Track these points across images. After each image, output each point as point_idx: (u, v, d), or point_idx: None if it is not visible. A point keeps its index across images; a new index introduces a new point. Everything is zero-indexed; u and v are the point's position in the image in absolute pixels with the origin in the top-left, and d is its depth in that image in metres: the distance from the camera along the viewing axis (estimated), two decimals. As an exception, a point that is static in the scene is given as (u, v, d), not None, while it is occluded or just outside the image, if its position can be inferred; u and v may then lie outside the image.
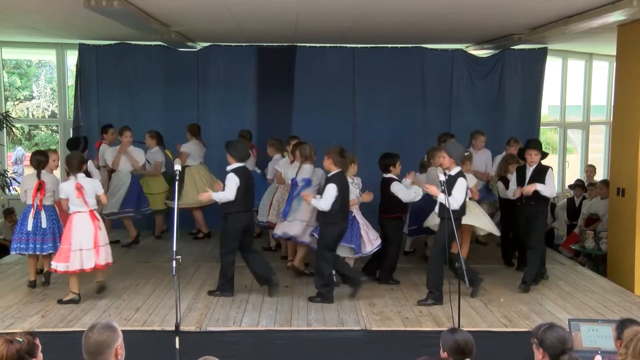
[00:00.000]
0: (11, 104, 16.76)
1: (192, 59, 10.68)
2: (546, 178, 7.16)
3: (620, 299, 6.98)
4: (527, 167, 7.29)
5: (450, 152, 6.62)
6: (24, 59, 17.59)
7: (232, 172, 6.69)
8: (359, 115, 10.74)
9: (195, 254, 8.66)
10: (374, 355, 5.79)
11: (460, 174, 6.60)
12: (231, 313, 6.32)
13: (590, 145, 12.76)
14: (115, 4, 6.21)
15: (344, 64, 10.69)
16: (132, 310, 6.36)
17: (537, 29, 8.45)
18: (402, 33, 9.26)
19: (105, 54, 10.58)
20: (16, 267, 8.00)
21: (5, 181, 9.91)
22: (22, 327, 5.67)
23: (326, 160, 6.74)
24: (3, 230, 10.55)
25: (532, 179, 7.21)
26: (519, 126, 10.61)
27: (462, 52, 10.84)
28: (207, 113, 10.60)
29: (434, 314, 6.35)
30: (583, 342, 4.64)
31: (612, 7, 6.57)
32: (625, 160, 7.84)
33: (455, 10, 7.18)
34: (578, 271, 8.29)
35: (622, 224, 7.93)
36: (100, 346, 3.00)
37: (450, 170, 6.59)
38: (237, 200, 6.64)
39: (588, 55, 12.12)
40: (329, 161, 6.70)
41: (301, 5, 7.01)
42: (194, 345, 5.60)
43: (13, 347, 2.88)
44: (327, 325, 6.04)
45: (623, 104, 8.03)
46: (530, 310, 6.51)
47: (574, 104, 12.60)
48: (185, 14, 7.56)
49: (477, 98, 10.85)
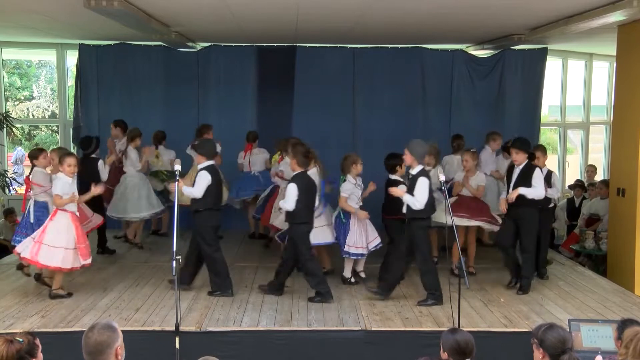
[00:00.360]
0: (11, 104, 16.76)
1: (192, 59, 10.68)
2: (532, 179, 6.82)
3: (620, 299, 6.98)
4: (515, 168, 7.01)
5: (412, 149, 6.53)
6: (24, 59, 17.60)
7: (204, 170, 6.74)
8: (359, 115, 10.74)
9: (195, 254, 8.64)
10: (374, 355, 5.79)
11: (422, 173, 6.49)
12: (231, 313, 6.32)
13: (591, 145, 12.76)
14: (115, 4, 6.21)
15: (344, 64, 10.69)
16: (132, 311, 6.35)
17: (537, 29, 8.45)
18: (402, 33, 9.26)
19: (105, 54, 10.58)
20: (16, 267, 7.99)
21: (6, 181, 9.91)
22: (22, 327, 5.67)
23: (291, 160, 6.86)
24: (3, 230, 10.56)
25: (518, 180, 6.90)
26: (519, 126, 10.60)
27: (462, 52, 10.84)
28: (207, 113, 10.59)
29: (434, 314, 6.35)
30: (583, 342, 4.64)
31: (612, 8, 6.57)
32: (625, 160, 7.84)
33: (455, 10, 7.18)
34: (578, 271, 8.29)
35: (622, 224, 7.93)
36: (100, 346, 3.00)
37: (412, 169, 6.53)
38: (208, 198, 6.68)
39: (588, 55, 12.12)
40: (294, 161, 6.80)
41: (301, 6, 7.02)
42: (194, 345, 5.60)
43: (13, 347, 2.88)
44: (327, 325, 6.04)
45: (623, 104, 8.03)
46: (530, 310, 6.50)
47: (574, 104, 12.61)
48: (186, 14, 7.56)
49: (477, 98, 10.85)
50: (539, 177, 6.85)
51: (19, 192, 11.05)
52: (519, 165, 6.93)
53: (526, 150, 6.94)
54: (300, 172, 6.76)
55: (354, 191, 7.20)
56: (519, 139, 7.14)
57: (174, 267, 4.99)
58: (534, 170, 6.87)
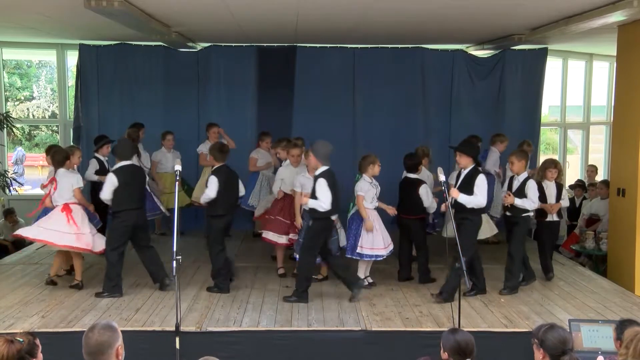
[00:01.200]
0: (11, 104, 16.77)
1: (193, 60, 10.68)
2: (474, 187, 6.50)
3: (620, 299, 6.98)
4: (462, 172, 6.80)
5: (316, 151, 6.55)
6: (24, 59, 17.63)
7: (112, 172, 6.86)
8: (359, 116, 10.73)
9: (196, 254, 8.65)
10: (374, 355, 5.79)
11: (323, 174, 6.48)
12: (231, 313, 6.32)
13: (591, 145, 12.77)
14: (115, 4, 6.21)
15: (345, 64, 10.69)
16: (133, 311, 6.35)
17: (538, 29, 8.45)
18: (402, 33, 9.26)
19: (105, 55, 10.58)
20: (16, 267, 8.00)
21: (6, 181, 9.91)
22: (23, 327, 5.67)
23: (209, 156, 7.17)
24: (3, 230, 10.57)
25: (460, 186, 6.62)
26: (520, 126, 10.63)
27: (462, 53, 10.84)
28: (207, 113, 10.58)
29: (434, 314, 6.35)
30: (583, 342, 4.64)
31: (613, 8, 6.57)
32: (626, 160, 7.84)
33: (455, 10, 7.18)
34: (578, 271, 8.29)
35: (623, 224, 7.93)
36: (101, 346, 3.01)
37: (317, 170, 6.54)
38: (122, 199, 6.73)
39: (588, 55, 12.12)
40: (210, 157, 7.11)
41: (302, 6, 7.02)
42: (194, 345, 5.60)
43: (14, 347, 2.88)
44: (327, 325, 6.04)
45: (623, 104, 8.03)
46: (530, 310, 6.50)
47: (575, 104, 12.61)
48: (186, 14, 7.56)
49: (478, 98, 10.85)
50: (481, 185, 6.53)
51: (20, 192, 11.06)
52: (465, 170, 6.69)
53: (470, 154, 6.66)
54: (219, 165, 6.94)
55: (370, 190, 7.14)
56: (465, 142, 6.94)
57: (174, 267, 4.99)
58: (476, 177, 6.57)
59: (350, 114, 10.73)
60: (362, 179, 7.12)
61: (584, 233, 9.34)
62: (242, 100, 10.68)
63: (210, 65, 10.69)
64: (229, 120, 10.41)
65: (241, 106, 10.67)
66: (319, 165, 6.55)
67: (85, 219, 6.96)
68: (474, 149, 6.83)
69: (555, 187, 7.54)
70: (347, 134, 10.58)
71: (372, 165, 7.12)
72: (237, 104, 10.66)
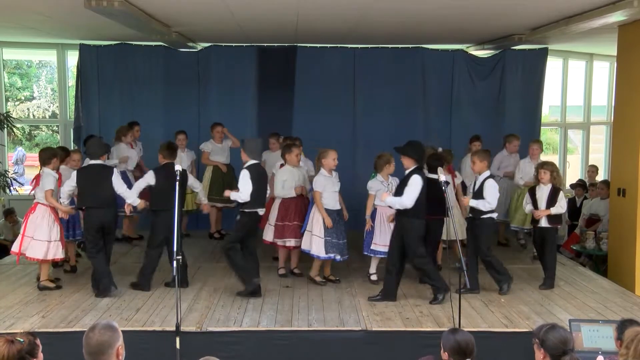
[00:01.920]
0: (12, 104, 16.76)
1: (193, 60, 10.68)
2: (405, 189, 6.48)
3: (621, 299, 6.98)
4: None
5: (246, 147, 6.74)
6: (24, 59, 17.61)
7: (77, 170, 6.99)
8: (359, 116, 10.73)
9: (196, 254, 8.65)
10: (375, 355, 5.79)
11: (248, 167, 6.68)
12: (232, 313, 6.32)
13: (591, 145, 12.76)
14: (115, 4, 6.21)
15: (345, 65, 10.69)
16: (133, 311, 6.35)
17: (538, 29, 8.45)
18: (402, 33, 9.26)
19: (105, 54, 10.58)
20: (16, 267, 7.98)
21: (6, 181, 9.91)
22: (23, 327, 5.67)
23: (159, 154, 7.22)
24: (3, 230, 10.56)
25: (397, 188, 6.71)
26: (520, 126, 10.59)
27: (462, 53, 10.84)
28: (207, 113, 10.59)
29: (434, 314, 6.35)
30: (584, 342, 4.63)
31: (613, 8, 6.57)
32: (626, 160, 7.84)
33: (455, 10, 7.18)
34: (579, 271, 8.29)
35: (623, 224, 7.93)
36: (101, 346, 3.00)
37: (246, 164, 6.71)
38: (86, 197, 6.80)
39: (589, 55, 12.12)
40: (160, 155, 7.23)
41: (301, 6, 7.02)
42: (194, 345, 5.60)
43: (14, 347, 2.88)
44: (328, 325, 6.04)
45: (623, 104, 8.03)
46: (530, 310, 6.50)
47: (575, 104, 12.60)
48: (186, 14, 7.57)
49: (478, 98, 10.85)
50: (412, 191, 6.44)
51: (20, 192, 11.07)
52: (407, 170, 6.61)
53: (412, 156, 6.57)
54: (165, 163, 7.08)
55: (380, 189, 7.17)
56: (409, 143, 6.70)
57: (174, 267, 4.98)
58: (408, 179, 6.52)
59: (350, 113, 10.73)
60: (374, 179, 7.25)
61: (585, 233, 9.34)
62: (242, 100, 10.68)
63: (211, 65, 10.68)
64: (229, 120, 10.38)
65: (241, 106, 10.67)
66: (249, 160, 6.75)
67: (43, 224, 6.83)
68: (416, 151, 6.65)
69: (548, 191, 7.21)
70: (347, 133, 10.58)
71: (387, 164, 7.18)
72: (237, 104, 10.66)
